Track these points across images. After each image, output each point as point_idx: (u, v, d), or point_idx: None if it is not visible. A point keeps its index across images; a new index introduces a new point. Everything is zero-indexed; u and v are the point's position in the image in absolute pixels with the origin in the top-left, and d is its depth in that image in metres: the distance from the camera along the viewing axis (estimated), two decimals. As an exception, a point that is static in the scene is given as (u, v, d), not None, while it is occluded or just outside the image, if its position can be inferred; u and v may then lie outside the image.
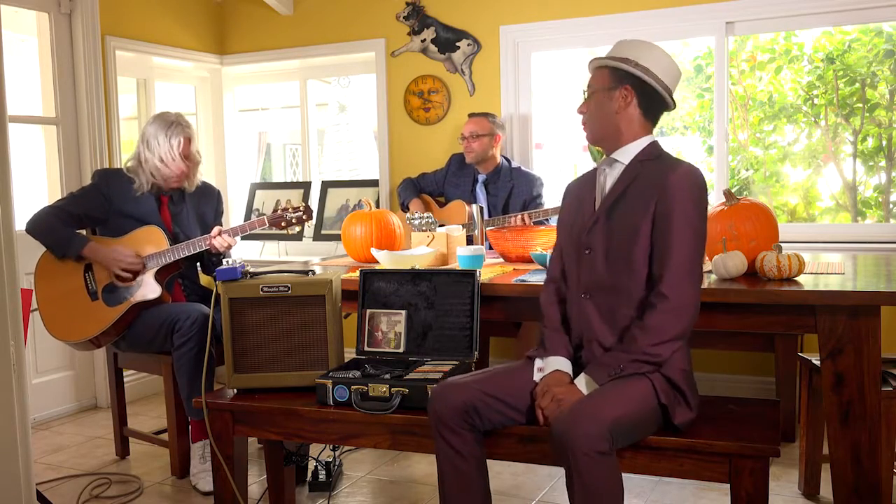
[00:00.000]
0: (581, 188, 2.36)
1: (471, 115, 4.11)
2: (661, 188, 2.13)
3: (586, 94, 2.31)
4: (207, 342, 2.81)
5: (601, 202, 2.25)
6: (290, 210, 3.34)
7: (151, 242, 3.30)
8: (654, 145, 2.26)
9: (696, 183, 2.16)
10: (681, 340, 2.12)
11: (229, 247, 3.35)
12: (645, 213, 2.15)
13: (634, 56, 2.22)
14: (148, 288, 3.26)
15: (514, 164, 4.15)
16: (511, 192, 4.02)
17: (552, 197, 4.11)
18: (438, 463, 2.19)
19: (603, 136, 2.28)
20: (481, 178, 4.08)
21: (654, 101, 2.25)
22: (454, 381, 2.21)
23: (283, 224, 3.33)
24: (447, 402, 2.15)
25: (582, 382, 2.13)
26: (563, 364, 2.21)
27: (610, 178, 2.27)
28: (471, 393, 2.16)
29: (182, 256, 3.29)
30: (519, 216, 3.77)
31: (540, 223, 3.81)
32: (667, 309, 2.08)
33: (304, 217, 3.35)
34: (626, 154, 2.25)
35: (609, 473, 1.92)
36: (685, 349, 2.16)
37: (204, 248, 3.31)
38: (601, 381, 2.10)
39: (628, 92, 2.22)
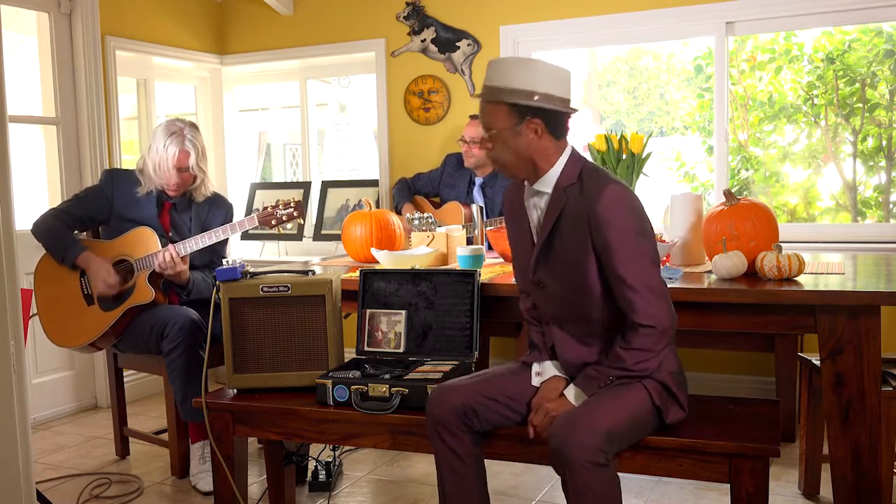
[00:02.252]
0: (517, 203, 2.26)
1: (472, 118, 4.05)
2: (592, 221, 2.04)
3: (486, 133, 2.13)
4: (207, 343, 2.80)
5: (537, 236, 2.19)
6: (280, 207, 3.26)
7: (143, 245, 3.26)
8: (573, 163, 2.13)
9: (623, 205, 2.04)
10: (666, 349, 2.11)
11: (174, 271, 3.21)
12: (584, 247, 2.07)
13: (530, 84, 2.05)
14: (141, 292, 3.23)
15: None
16: None
17: None
18: (437, 465, 2.19)
19: (518, 172, 2.15)
20: (478, 180, 4.07)
21: (562, 121, 2.12)
22: (451, 384, 2.22)
23: (273, 222, 3.25)
24: (444, 405, 2.15)
25: (571, 394, 2.13)
26: (559, 369, 2.22)
27: (538, 209, 2.18)
28: (468, 395, 2.16)
29: None
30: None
31: None
32: (649, 333, 2.04)
33: (295, 214, 3.26)
34: (548, 183, 2.14)
35: (605, 484, 1.92)
36: (671, 351, 2.15)
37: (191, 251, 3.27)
38: (590, 392, 2.10)
39: (537, 124, 2.08)
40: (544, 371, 2.23)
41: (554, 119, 2.10)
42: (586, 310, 2.14)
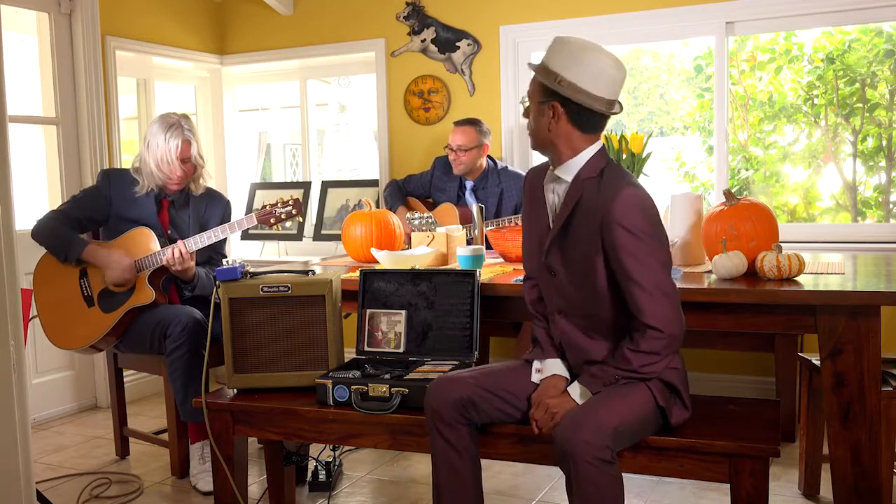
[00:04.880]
0: (536, 187, 2.27)
1: (457, 124, 4.02)
2: (605, 220, 2.04)
3: (527, 100, 2.20)
4: (207, 343, 2.80)
5: (553, 222, 2.19)
6: (279, 205, 3.26)
7: (143, 245, 3.25)
8: (598, 158, 2.14)
9: (639, 209, 2.05)
10: (674, 353, 2.11)
11: (182, 267, 3.20)
12: (594, 245, 2.08)
13: (560, 68, 2.06)
14: (142, 293, 3.22)
15: (500, 164, 4.11)
16: (501, 194, 4.00)
17: None
18: (433, 457, 2.20)
19: (542, 148, 2.19)
20: (469, 184, 4.06)
21: (588, 115, 2.09)
22: (451, 376, 2.22)
23: (272, 221, 3.24)
24: (444, 396, 2.16)
25: (576, 391, 2.12)
26: (560, 367, 2.22)
27: (557, 195, 2.20)
28: (468, 387, 2.17)
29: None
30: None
31: None
32: (658, 336, 2.04)
33: (294, 212, 3.25)
34: (569, 171, 2.15)
35: (610, 481, 1.92)
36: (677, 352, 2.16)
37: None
38: (595, 390, 2.10)
39: (555, 109, 2.09)
40: (545, 368, 2.23)
41: (576, 110, 2.08)
42: (593, 306, 2.14)
